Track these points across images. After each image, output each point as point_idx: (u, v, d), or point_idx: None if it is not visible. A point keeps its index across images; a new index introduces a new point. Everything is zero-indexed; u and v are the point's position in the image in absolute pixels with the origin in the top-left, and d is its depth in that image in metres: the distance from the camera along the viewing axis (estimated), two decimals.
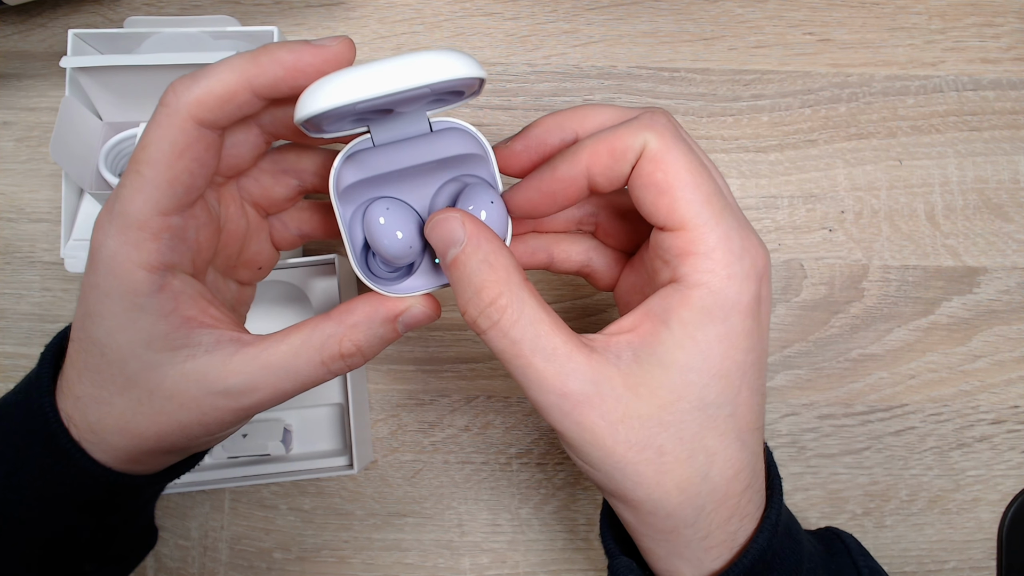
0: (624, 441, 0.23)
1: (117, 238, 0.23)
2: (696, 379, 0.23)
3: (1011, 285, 0.43)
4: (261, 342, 0.25)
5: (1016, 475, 0.42)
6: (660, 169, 0.23)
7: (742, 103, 0.44)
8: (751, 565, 0.24)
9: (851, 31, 0.44)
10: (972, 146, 0.44)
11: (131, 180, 0.23)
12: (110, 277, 0.24)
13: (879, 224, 0.43)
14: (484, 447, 0.42)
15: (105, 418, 0.25)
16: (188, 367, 0.24)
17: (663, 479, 0.23)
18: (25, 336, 0.42)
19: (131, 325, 0.24)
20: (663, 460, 0.23)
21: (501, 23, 0.44)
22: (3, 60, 0.44)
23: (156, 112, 0.23)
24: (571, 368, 0.23)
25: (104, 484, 0.26)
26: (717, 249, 0.23)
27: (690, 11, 0.44)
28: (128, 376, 0.24)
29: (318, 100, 0.21)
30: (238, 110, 0.23)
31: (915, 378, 0.42)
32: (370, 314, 0.25)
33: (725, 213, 0.23)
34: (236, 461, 0.40)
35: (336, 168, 0.25)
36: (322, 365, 0.25)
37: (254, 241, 0.29)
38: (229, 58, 0.23)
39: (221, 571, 0.41)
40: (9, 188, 0.43)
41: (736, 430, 0.24)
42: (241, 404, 0.25)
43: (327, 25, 0.44)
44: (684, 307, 0.23)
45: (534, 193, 0.26)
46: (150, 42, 0.38)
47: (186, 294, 0.25)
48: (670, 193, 0.23)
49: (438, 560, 0.42)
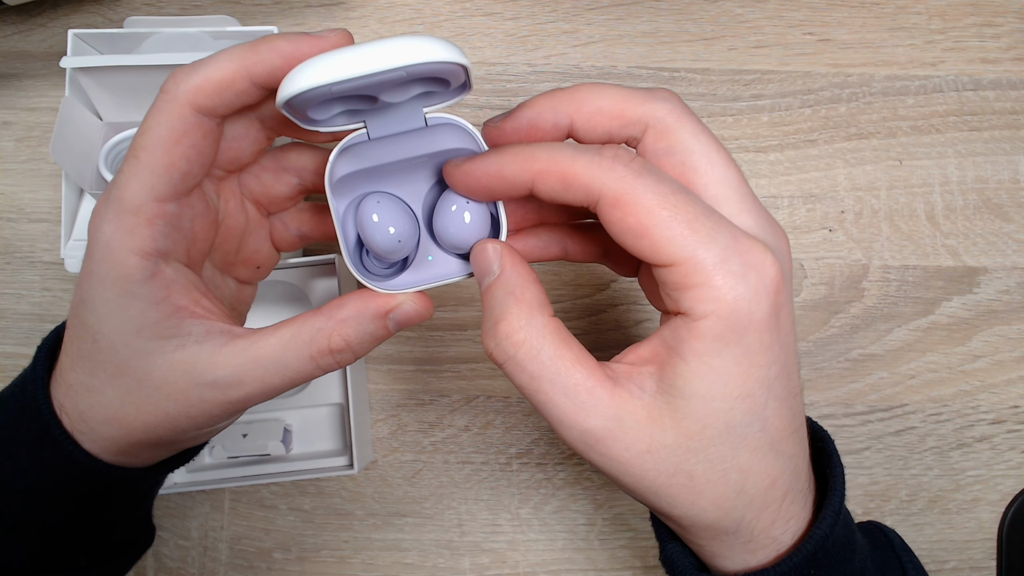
0: (653, 469, 0.23)
1: (112, 223, 0.23)
2: (720, 405, 0.22)
3: (1011, 285, 0.43)
4: (251, 335, 0.25)
5: (1016, 475, 0.42)
6: (629, 214, 0.22)
7: (742, 103, 0.44)
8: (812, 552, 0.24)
9: (851, 31, 0.44)
10: (972, 146, 0.44)
11: (128, 166, 0.23)
12: (104, 263, 0.24)
13: (879, 224, 0.43)
14: (484, 447, 0.42)
15: (95, 406, 0.25)
16: (177, 357, 0.24)
17: (697, 499, 0.23)
18: (25, 336, 0.42)
19: (122, 311, 0.24)
20: (694, 483, 0.23)
21: (501, 23, 0.44)
22: (3, 60, 0.44)
23: (156, 99, 0.23)
24: (592, 404, 0.23)
25: (95, 476, 0.26)
26: (716, 275, 0.22)
27: (690, 11, 0.44)
28: (118, 363, 0.24)
29: (295, 81, 0.22)
30: (236, 98, 0.24)
31: (915, 378, 0.42)
32: (360, 309, 0.25)
33: (716, 233, 0.22)
34: (236, 461, 0.40)
35: (331, 160, 0.25)
36: (311, 360, 0.25)
37: (253, 239, 0.29)
38: (229, 48, 0.24)
39: (221, 571, 0.41)
40: (9, 188, 0.43)
41: (769, 441, 0.23)
42: (229, 397, 0.25)
43: (327, 25, 0.44)
44: (695, 339, 0.22)
45: (472, 180, 0.25)
46: (150, 42, 0.38)
47: (179, 283, 0.25)
48: (647, 236, 0.22)
49: (438, 560, 0.42)
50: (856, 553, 0.26)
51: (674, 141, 0.24)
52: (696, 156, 0.24)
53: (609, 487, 0.42)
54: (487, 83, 0.44)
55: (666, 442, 0.23)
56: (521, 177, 0.24)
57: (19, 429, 0.26)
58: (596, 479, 0.42)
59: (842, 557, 0.25)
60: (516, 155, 0.24)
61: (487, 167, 0.24)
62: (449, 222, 0.26)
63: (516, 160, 0.24)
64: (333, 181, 0.25)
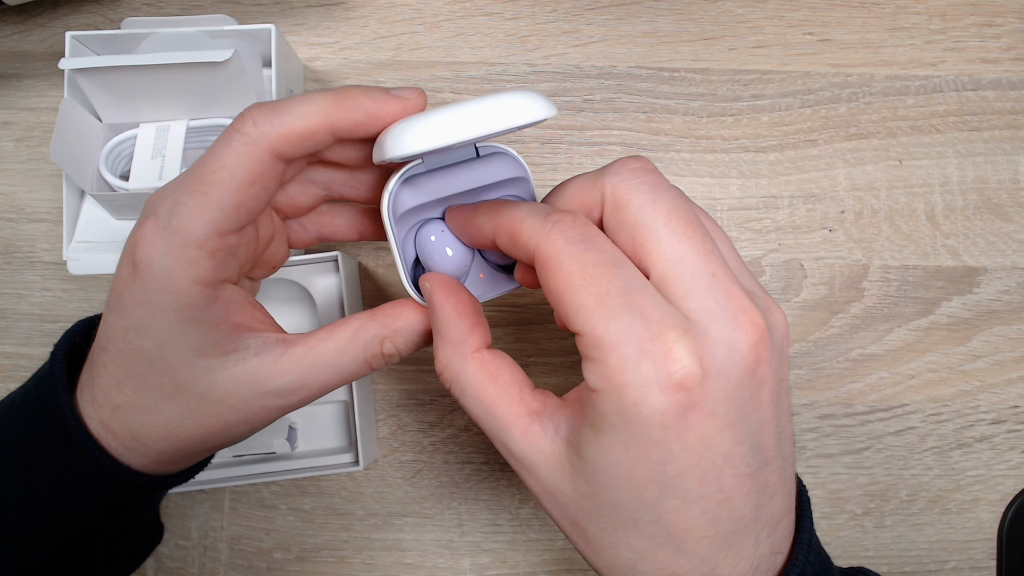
0: (557, 511, 0.24)
1: (174, 256, 0.24)
2: (606, 480, 0.22)
3: (1011, 285, 0.43)
4: (306, 341, 0.26)
5: (1016, 475, 0.42)
6: (551, 277, 0.22)
7: (742, 103, 0.44)
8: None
9: (851, 31, 0.44)
10: (972, 146, 0.44)
11: (196, 200, 0.24)
12: (163, 293, 0.24)
13: (879, 224, 0.43)
14: (484, 447, 0.42)
15: (149, 424, 0.26)
16: (239, 370, 0.25)
17: (593, 557, 0.23)
18: (25, 336, 0.42)
19: (184, 337, 0.25)
20: (589, 543, 0.23)
21: (501, 23, 0.44)
22: (3, 60, 0.44)
23: (231, 137, 0.24)
24: (509, 438, 0.24)
25: (120, 481, 0.27)
26: (610, 355, 0.21)
27: (690, 11, 0.44)
28: (178, 384, 0.25)
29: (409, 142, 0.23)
30: (314, 147, 0.25)
31: (915, 378, 0.42)
32: (415, 323, 0.27)
33: (622, 312, 0.21)
34: (241, 460, 0.41)
35: (392, 191, 0.26)
36: (365, 363, 0.27)
37: (275, 243, 0.30)
38: (310, 95, 0.24)
39: (221, 571, 0.41)
40: (9, 188, 0.43)
41: (667, 536, 0.22)
42: (289, 402, 0.26)
43: (327, 25, 0.44)
44: (590, 407, 0.22)
45: (454, 225, 0.27)
46: (148, 42, 0.38)
47: (236, 303, 0.26)
48: (560, 301, 0.22)
49: (438, 560, 0.42)
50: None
51: (623, 217, 0.23)
52: (643, 231, 0.23)
53: None
54: (487, 83, 0.44)
55: (565, 491, 0.23)
56: (485, 229, 0.25)
57: (41, 439, 0.26)
58: None
59: None
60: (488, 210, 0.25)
61: (465, 215, 0.26)
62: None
63: (487, 215, 0.25)
64: (397, 213, 0.26)
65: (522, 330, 0.43)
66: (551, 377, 0.42)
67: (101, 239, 0.39)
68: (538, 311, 0.43)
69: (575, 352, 0.42)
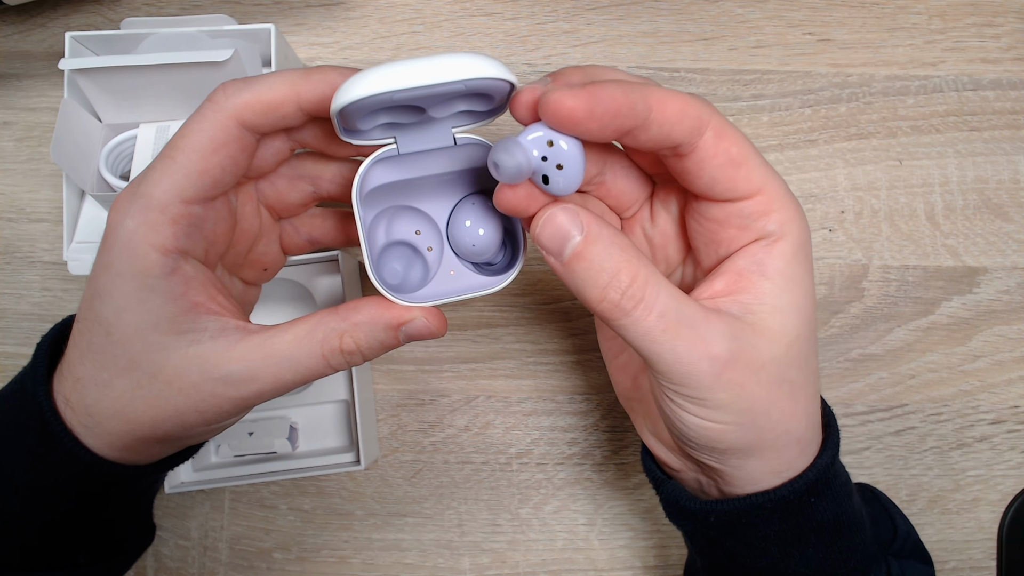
0: (766, 383, 0.25)
1: (136, 218, 0.24)
2: (808, 313, 0.25)
3: (1011, 285, 0.43)
4: (265, 331, 0.26)
5: (1016, 475, 0.42)
6: (733, 144, 0.24)
7: (742, 103, 0.44)
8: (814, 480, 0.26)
9: (851, 31, 0.44)
10: (972, 146, 0.44)
11: (162, 164, 0.24)
12: (124, 256, 0.24)
13: (879, 224, 0.43)
14: (484, 447, 0.42)
15: (103, 400, 0.25)
16: (191, 351, 0.25)
17: (796, 407, 0.25)
18: (25, 336, 0.42)
19: (140, 306, 0.24)
20: (793, 389, 0.25)
21: (501, 23, 0.44)
22: (3, 60, 0.44)
23: (202, 107, 0.24)
24: (712, 331, 0.24)
25: (94, 472, 0.26)
26: (789, 202, 0.25)
27: (690, 11, 0.44)
28: (131, 357, 0.25)
29: (358, 88, 0.22)
30: (281, 120, 0.25)
31: (915, 378, 0.42)
32: (375, 316, 0.26)
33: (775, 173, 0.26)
34: (242, 460, 0.41)
35: (362, 171, 0.26)
36: (322, 358, 0.25)
37: (264, 242, 0.30)
38: (282, 71, 0.25)
39: (221, 571, 0.41)
40: (9, 188, 0.43)
41: None
42: (240, 392, 0.25)
43: (327, 25, 0.44)
44: (778, 257, 0.25)
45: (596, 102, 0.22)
46: (147, 43, 0.38)
47: (197, 280, 0.25)
48: (745, 164, 0.25)
49: (438, 560, 0.42)
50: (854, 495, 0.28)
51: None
52: None
53: (609, 487, 0.42)
54: None
55: (775, 354, 0.25)
56: (639, 107, 0.23)
57: (19, 426, 0.26)
58: (596, 479, 0.42)
59: (842, 492, 0.27)
60: (634, 86, 0.23)
61: (610, 92, 0.22)
62: (465, 232, 0.27)
63: (636, 90, 0.23)
64: (363, 192, 0.26)
65: (523, 330, 0.43)
66: (551, 378, 0.42)
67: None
68: (539, 311, 0.43)
69: (575, 352, 0.42)
